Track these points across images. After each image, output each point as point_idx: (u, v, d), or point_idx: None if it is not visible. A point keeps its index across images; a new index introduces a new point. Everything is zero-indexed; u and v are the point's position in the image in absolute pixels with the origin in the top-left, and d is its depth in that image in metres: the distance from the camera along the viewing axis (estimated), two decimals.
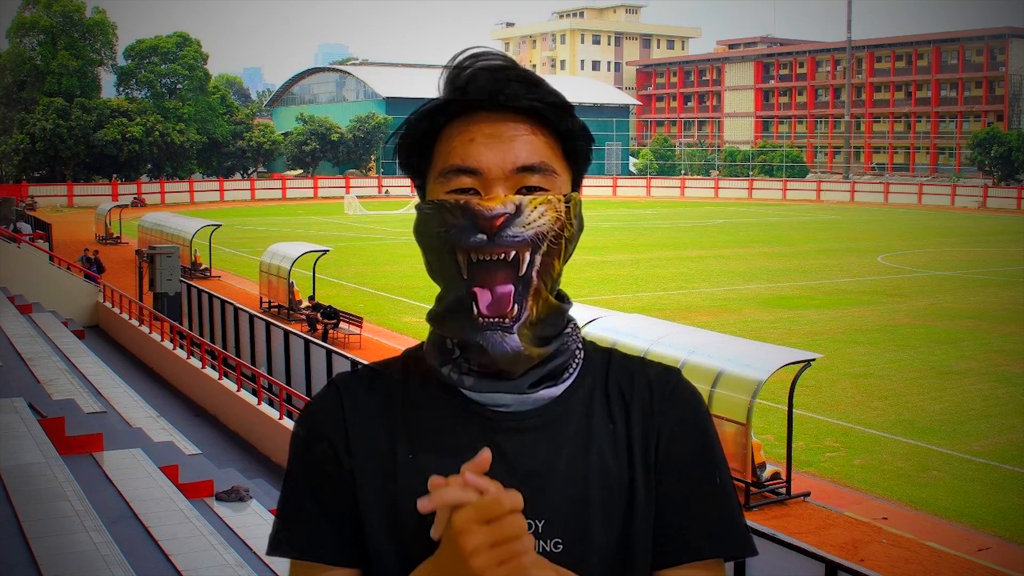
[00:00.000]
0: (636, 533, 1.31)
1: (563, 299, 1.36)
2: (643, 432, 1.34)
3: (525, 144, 1.28)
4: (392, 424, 1.33)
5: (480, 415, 1.31)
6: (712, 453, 1.37)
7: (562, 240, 1.29)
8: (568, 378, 1.34)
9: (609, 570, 1.30)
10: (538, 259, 1.27)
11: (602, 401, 1.35)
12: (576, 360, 1.36)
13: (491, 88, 1.28)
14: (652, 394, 1.36)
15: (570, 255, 1.32)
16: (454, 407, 1.32)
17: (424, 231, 1.31)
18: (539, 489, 1.27)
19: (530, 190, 1.28)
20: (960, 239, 42.40)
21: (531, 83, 1.30)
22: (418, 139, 1.34)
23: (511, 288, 1.27)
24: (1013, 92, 78.83)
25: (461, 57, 1.33)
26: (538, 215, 1.26)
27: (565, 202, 1.29)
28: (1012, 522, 11.16)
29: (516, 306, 1.27)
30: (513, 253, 1.26)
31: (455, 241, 1.27)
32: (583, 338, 1.41)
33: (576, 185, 1.35)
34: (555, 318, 1.32)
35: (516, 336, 1.27)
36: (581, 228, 1.34)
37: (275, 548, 1.35)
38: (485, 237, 1.25)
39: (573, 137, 1.32)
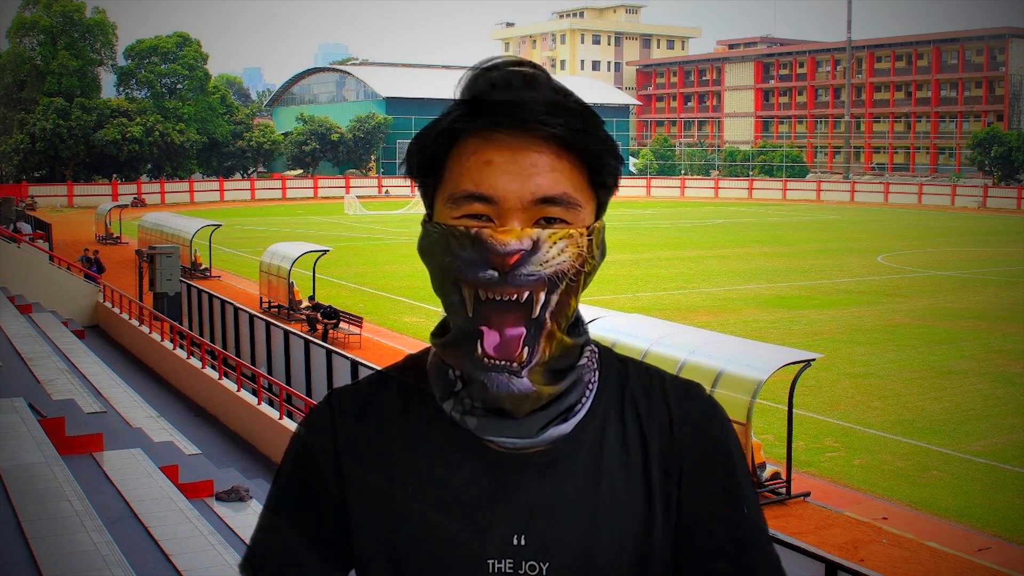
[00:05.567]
0: (652, 569, 1.23)
1: (579, 329, 1.24)
2: (663, 459, 1.24)
3: (547, 173, 1.15)
4: (388, 452, 1.25)
5: (483, 449, 1.21)
6: (739, 480, 1.27)
7: (582, 276, 1.17)
8: (580, 411, 1.23)
9: None
10: (554, 299, 1.15)
11: (616, 427, 1.24)
12: (591, 387, 1.25)
13: (515, 107, 1.15)
14: (672, 417, 1.25)
15: (588, 284, 1.21)
16: (455, 438, 1.22)
17: (428, 254, 1.19)
18: (544, 529, 1.20)
19: (549, 221, 1.15)
20: (960, 239, 42.39)
21: (558, 104, 1.16)
22: (430, 155, 1.21)
23: (522, 331, 1.15)
24: (1013, 92, 78.79)
25: (484, 66, 1.20)
26: (557, 252, 1.14)
27: (588, 235, 1.17)
28: (1012, 522, 11.16)
29: (526, 349, 1.16)
30: (527, 293, 1.14)
31: (460, 274, 1.15)
32: (598, 349, 1.29)
33: (600, 212, 1.22)
34: (569, 353, 1.21)
35: (525, 379, 1.16)
36: (603, 255, 1.23)
37: (248, 569, 1.31)
38: (496, 274, 1.13)
39: (601, 162, 1.19)
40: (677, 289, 27.52)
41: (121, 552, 6.75)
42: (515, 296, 1.14)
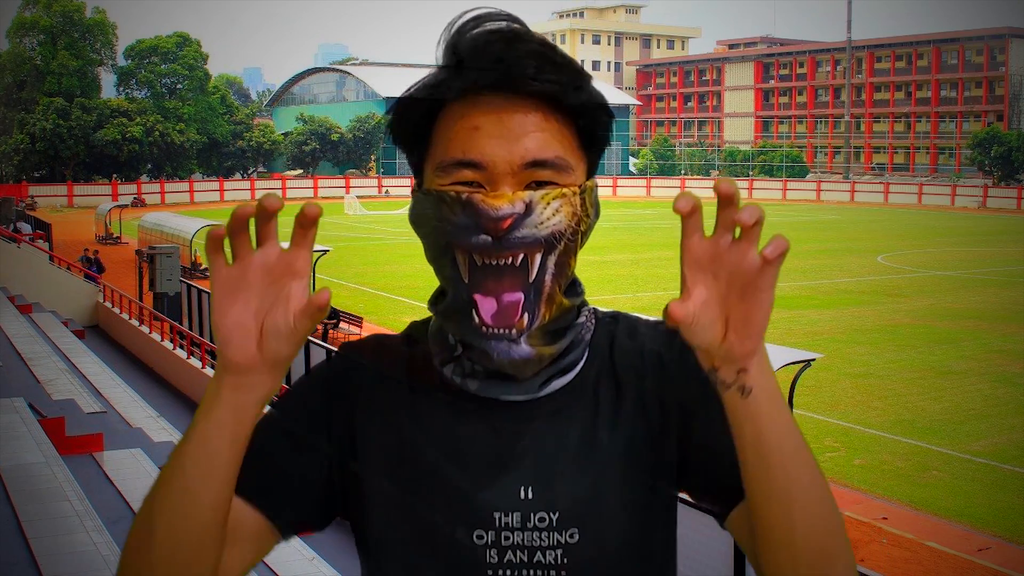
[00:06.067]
0: (656, 516, 1.23)
1: (575, 290, 1.23)
2: (658, 395, 1.22)
3: (536, 135, 1.12)
4: (395, 409, 1.24)
5: (485, 405, 1.20)
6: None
7: (578, 235, 1.15)
8: (579, 365, 1.23)
9: (634, 554, 1.21)
10: (552, 260, 1.13)
11: (609, 379, 1.23)
12: (587, 343, 1.25)
13: (498, 67, 1.11)
14: (663, 356, 1.23)
15: (584, 243, 1.19)
16: (458, 396, 1.21)
17: (420, 222, 1.17)
18: (551, 479, 1.19)
19: (539, 184, 1.12)
20: (960, 239, 42.39)
21: (545, 58, 1.13)
22: (414, 123, 1.18)
23: (520, 296, 1.13)
24: (1013, 92, 78.85)
25: (463, 20, 1.16)
26: (551, 212, 1.11)
27: (580, 193, 1.14)
28: (1012, 522, 11.16)
29: (526, 315, 1.13)
30: (522, 256, 1.12)
31: (453, 240, 1.12)
32: (594, 312, 1.29)
33: (592, 171, 1.20)
34: (566, 314, 1.20)
35: (524, 345, 1.14)
36: (598, 214, 1.20)
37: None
38: (489, 239, 1.10)
39: (591, 120, 1.17)
40: (677, 289, 26.61)
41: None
42: (510, 259, 1.12)
